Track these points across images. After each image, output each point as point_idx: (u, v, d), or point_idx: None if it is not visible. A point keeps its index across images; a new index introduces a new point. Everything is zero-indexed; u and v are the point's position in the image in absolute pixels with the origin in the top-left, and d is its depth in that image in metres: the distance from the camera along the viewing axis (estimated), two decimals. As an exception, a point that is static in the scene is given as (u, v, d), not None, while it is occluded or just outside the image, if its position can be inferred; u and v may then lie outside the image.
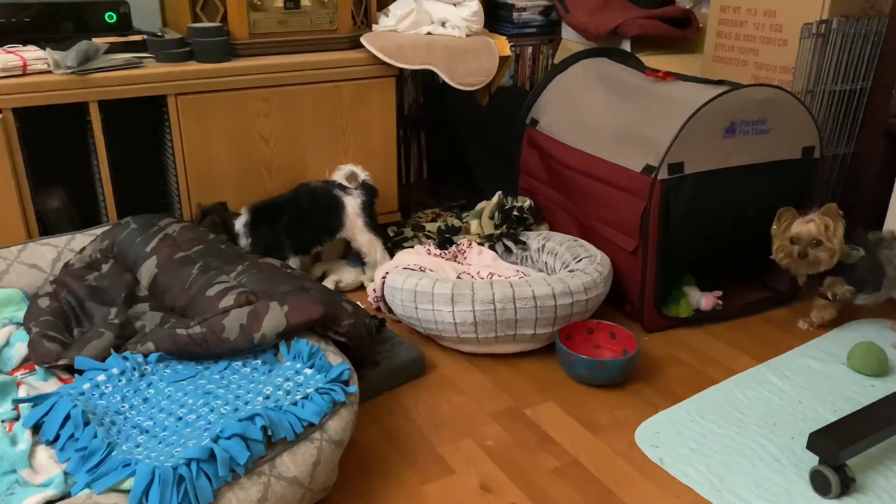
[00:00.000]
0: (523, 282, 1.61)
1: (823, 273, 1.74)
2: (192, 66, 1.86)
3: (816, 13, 1.96)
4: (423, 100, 2.69)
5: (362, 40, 2.05)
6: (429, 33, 2.13)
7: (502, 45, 2.17)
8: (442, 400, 1.56)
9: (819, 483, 1.29)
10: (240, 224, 1.87)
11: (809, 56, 1.97)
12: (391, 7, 2.16)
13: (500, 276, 1.78)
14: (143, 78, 1.79)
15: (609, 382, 1.60)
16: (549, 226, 2.09)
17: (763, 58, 2.12)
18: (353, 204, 1.94)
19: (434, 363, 1.68)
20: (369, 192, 1.98)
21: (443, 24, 2.14)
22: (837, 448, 1.26)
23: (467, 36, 2.13)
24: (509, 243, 1.97)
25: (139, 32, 2.00)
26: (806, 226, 1.70)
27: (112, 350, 1.38)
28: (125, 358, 1.35)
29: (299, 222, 1.90)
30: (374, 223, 1.99)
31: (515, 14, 2.65)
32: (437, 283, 1.62)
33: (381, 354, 1.61)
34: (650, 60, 2.28)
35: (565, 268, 1.79)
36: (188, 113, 1.86)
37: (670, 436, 1.45)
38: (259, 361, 1.36)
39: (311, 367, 1.31)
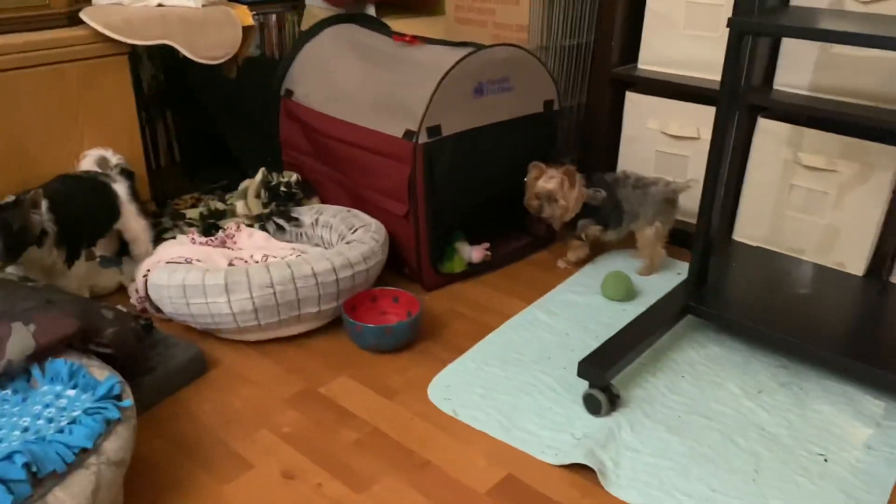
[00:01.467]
0: (301, 260, 1.57)
1: (576, 217, 1.91)
2: None
3: (541, -26, 2.10)
4: (164, 77, 2.49)
5: (82, 16, 1.83)
6: (160, 5, 1.95)
7: (243, 15, 2.06)
8: (230, 395, 1.48)
9: (591, 405, 1.43)
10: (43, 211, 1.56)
11: (540, 14, 2.12)
12: (112, -23, 1.95)
13: (275, 256, 1.72)
14: None
15: (398, 346, 1.63)
16: (320, 199, 2.06)
17: (500, 17, 2.24)
18: (122, 190, 1.80)
19: (216, 358, 1.59)
20: (130, 176, 1.85)
21: (175, -6, 1.98)
22: (602, 371, 1.40)
23: (204, 6, 1.99)
24: (280, 221, 1.91)
25: None
26: (546, 184, 1.85)
27: None
28: None
29: (84, 212, 1.69)
30: (143, 209, 1.86)
31: (254, -19, 2.53)
32: (208, 273, 1.52)
33: (154, 359, 1.49)
34: (396, 24, 2.31)
35: (342, 240, 1.78)
36: None
37: (460, 386, 1.51)
38: (9, 391, 1.19)
39: (73, 388, 1.17)
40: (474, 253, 1.96)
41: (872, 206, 1.80)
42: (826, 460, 1.32)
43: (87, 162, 1.83)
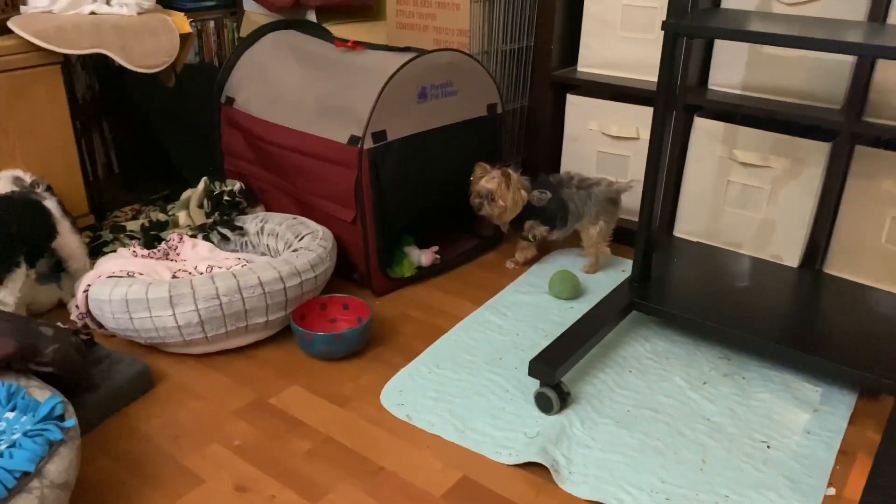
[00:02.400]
0: (247, 270, 1.55)
1: (522, 217, 1.93)
2: None
3: (481, -21, 2.12)
4: (99, 86, 2.42)
5: (10, 25, 1.77)
6: (93, 13, 1.90)
7: (181, 22, 2.02)
8: (178, 409, 1.45)
9: (543, 403, 1.45)
10: None
11: (480, 19, 2.14)
12: (41, -16, 1.89)
13: (220, 267, 1.69)
14: None
15: (349, 353, 1.62)
16: (264, 207, 2.03)
17: (441, 22, 2.25)
18: (54, 207, 1.72)
19: (163, 373, 1.56)
20: (54, 192, 1.77)
21: (108, 3, 1.93)
22: (552, 370, 1.42)
23: (139, 14, 1.95)
24: (225, 231, 1.88)
25: None
26: (487, 183, 1.88)
27: None
28: None
29: (25, 233, 1.62)
30: (75, 223, 1.79)
31: (191, -13, 2.49)
32: (151, 286, 1.49)
33: (98, 376, 1.45)
34: (337, 30, 2.30)
35: (288, 248, 1.76)
36: None
37: (413, 391, 1.52)
38: (-58, 417, 1.14)
39: (12, 410, 1.13)
40: (423, 256, 1.97)
41: (805, 200, 1.87)
42: (769, 447, 1.37)
43: (2, 184, 1.74)
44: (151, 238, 1.90)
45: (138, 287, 1.49)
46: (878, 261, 1.83)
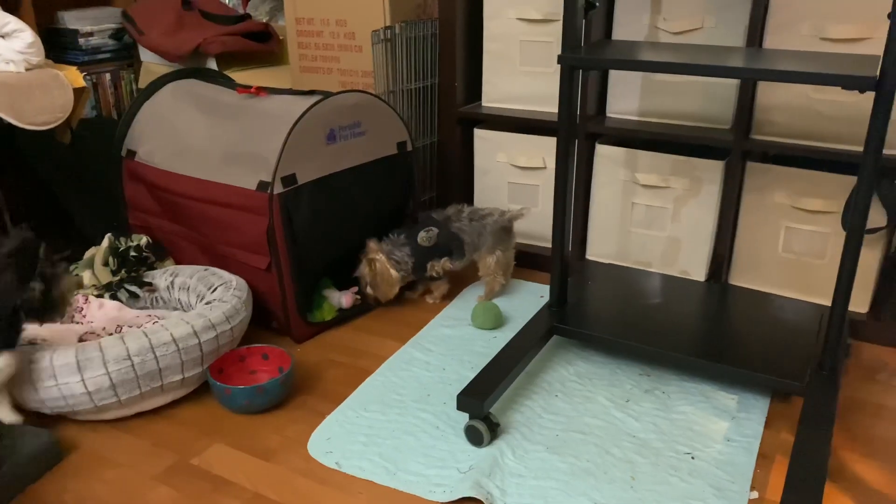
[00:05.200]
0: (158, 327, 1.49)
1: (422, 261, 1.94)
2: None
3: (381, 20, 2.16)
4: (-13, 146, 2.31)
5: None
6: (-23, 70, 1.82)
7: (74, 76, 1.96)
8: (93, 481, 1.37)
9: (473, 436, 1.45)
10: None
11: (383, 59, 2.17)
12: (-83, 43, 1.79)
13: (130, 326, 1.62)
14: None
15: (272, 405, 1.57)
16: (174, 260, 1.97)
17: (345, 64, 2.27)
18: None
19: (73, 443, 1.47)
20: None
21: (-7, 59, 1.85)
22: (479, 402, 1.42)
23: (27, 70, 1.87)
24: (133, 288, 1.81)
25: None
26: (359, 271, 1.93)
27: None
28: None
29: None
30: None
31: (82, 40, 2.42)
32: (56, 353, 1.41)
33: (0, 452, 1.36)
34: (240, 76, 2.28)
35: (201, 300, 1.71)
36: None
37: (341, 437, 1.49)
38: None
39: None
40: (343, 298, 1.94)
41: (705, 216, 1.96)
42: (693, 457, 1.41)
43: None
44: (54, 301, 1.80)
45: (42, 354, 1.41)
46: (777, 269, 1.93)
